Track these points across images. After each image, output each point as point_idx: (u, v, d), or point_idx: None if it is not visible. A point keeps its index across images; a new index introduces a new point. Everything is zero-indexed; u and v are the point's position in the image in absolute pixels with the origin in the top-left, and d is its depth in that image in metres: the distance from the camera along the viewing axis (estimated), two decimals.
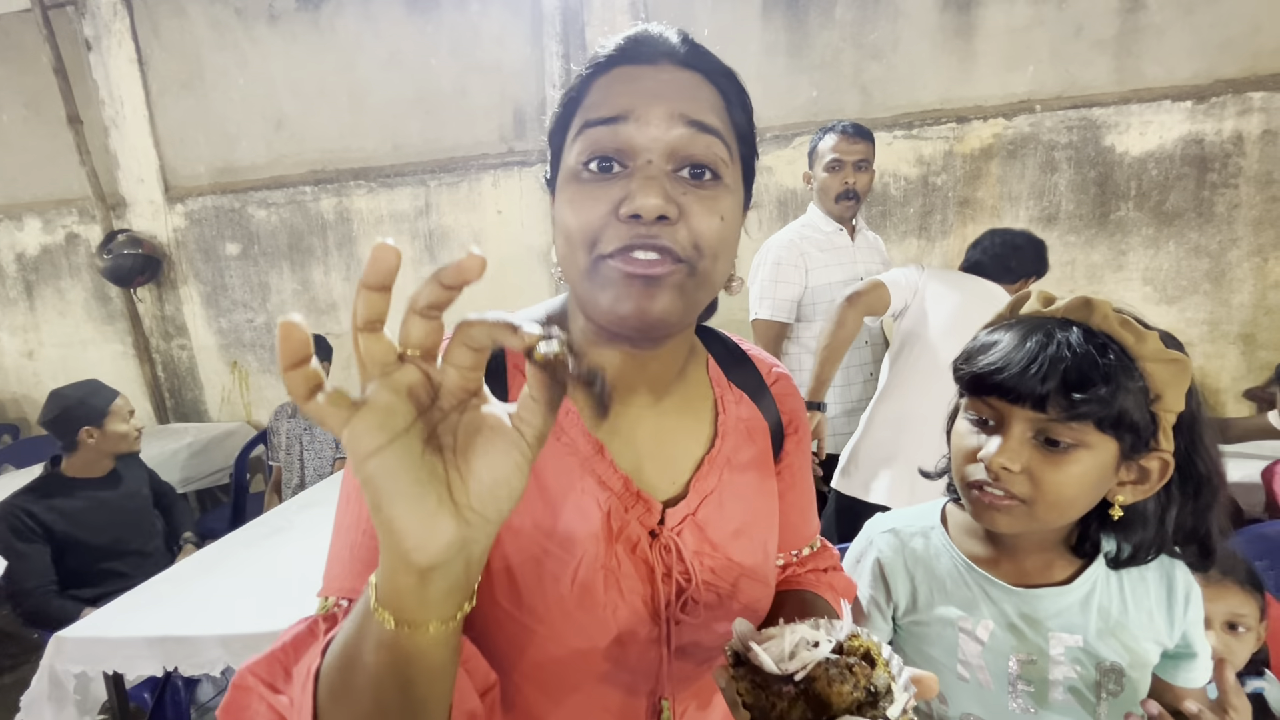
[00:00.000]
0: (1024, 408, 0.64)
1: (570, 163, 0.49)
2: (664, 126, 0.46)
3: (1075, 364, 0.62)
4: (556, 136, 0.52)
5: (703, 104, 0.48)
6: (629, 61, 0.49)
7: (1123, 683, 0.70)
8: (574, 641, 0.51)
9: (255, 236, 3.40)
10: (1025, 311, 0.71)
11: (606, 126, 0.46)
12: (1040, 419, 0.64)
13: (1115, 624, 0.70)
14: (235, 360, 3.57)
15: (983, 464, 0.66)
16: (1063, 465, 0.64)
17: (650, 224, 0.45)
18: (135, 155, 3.38)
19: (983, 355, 0.67)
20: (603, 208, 0.46)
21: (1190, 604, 0.73)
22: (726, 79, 0.51)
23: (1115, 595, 0.72)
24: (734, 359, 0.66)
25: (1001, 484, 0.65)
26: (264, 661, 0.42)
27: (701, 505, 0.56)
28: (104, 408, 1.97)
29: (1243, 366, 2.68)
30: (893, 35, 2.69)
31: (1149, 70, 2.54)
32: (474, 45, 3.01)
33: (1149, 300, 2.70)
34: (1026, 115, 2.65)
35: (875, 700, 0.40)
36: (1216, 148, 2.54)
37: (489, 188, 3.11)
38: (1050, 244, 2.72)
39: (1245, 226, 2.57)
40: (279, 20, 3.15)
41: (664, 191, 0.45)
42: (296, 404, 0.29)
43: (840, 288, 1.84)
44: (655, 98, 0.47)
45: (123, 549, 1.98)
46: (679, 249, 0.46)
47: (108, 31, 3.26)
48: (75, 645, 1.42)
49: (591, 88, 0.50)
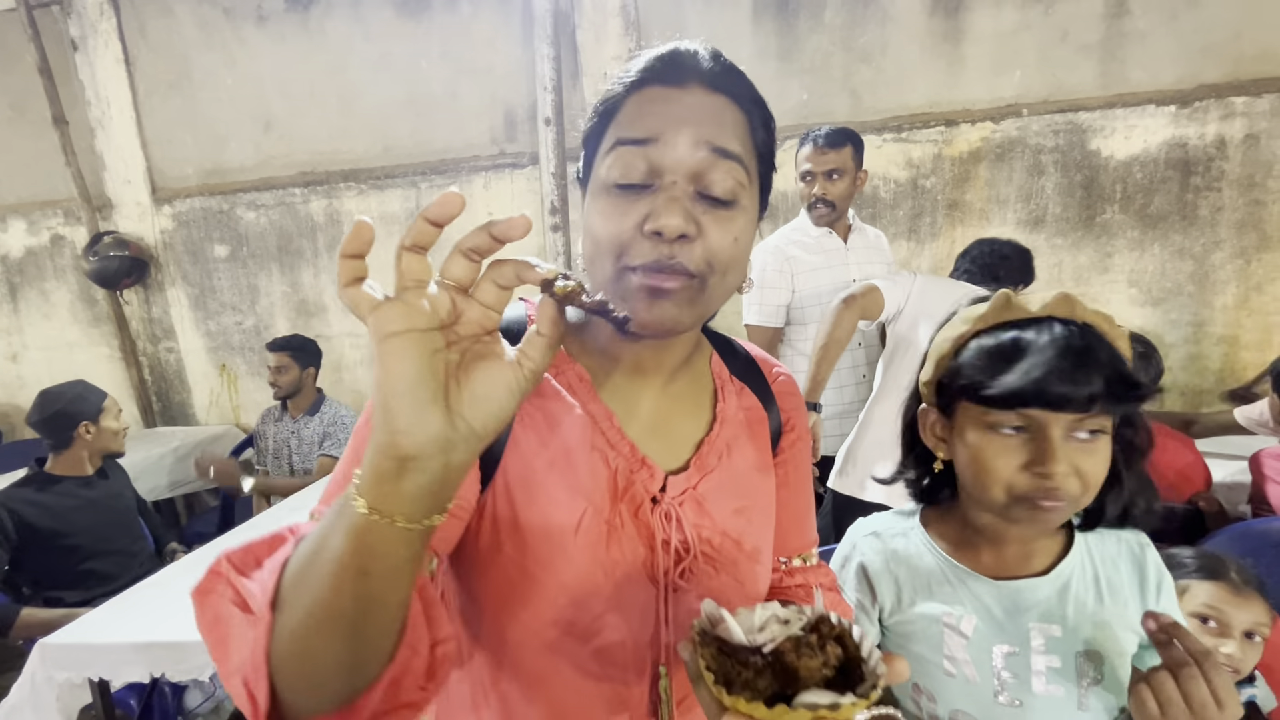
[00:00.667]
0: (1067, 412, 0.65)
1: (602, 174, 0.53)
2: (689, 150, 0.50)
3: (1108, 363, 0.66)
4: (591, 142, 0.56)
5: (726, 129, 0.51)
6: (661, 82, 0.52)
7: (1103, 670, 0.71)
8: (572, 591, 0.54)
9: (244, 238, 3.37)
10: (1010, 315, 0.72)
11: (637, 147, 0.50)
12: (1074, 419, 0.66)
13: (1092, 613, 0.73)
14: (224, 363, 3.54)
15: (1032, 474, 0.67)
16: (1096, 453, 0.67)
17: (671, 241, 0.49)
18: (122, 156, 3.35)
19: (1010, 369, 0.67)
20: (629, 221, 0.50)
21: (1162, 591, 0.75)
22: (752, 101, 0.54)
23: (1091, 585, 0.74)
24: (737, 357, 0.70)
25: (1058, 490, 0.66)
26: (240, 550, 0.43)
27: (702, 481, 0.60)
28: (99, 404, 2.01)
29: (1226, 367, 2.72)
30: (882, 39, 2.71)
31: (1133, 75, 2.58)
32: (465, 47, 3.00)
33: (1135, 302, 2.73)
34: (1014, 119, 2.68)
35: (845, 678, 0.40)
36: (1200, 151, 2.58)
37: (480, 190, 3.11)
38: (1037, 247, 2.76)
39: (1228, 229, 2.61)
40: (268, 21, 3.14)
41: (685, 212, 0.49)
42: (339, 289, 0.35)
43: (831, 291, 1.85)
44: (682, 122, 0.50)
45: (107, 548, 1.97)
46: (693, 265, 0.50)
47: (94, 31, 3.23)
48: (60, 651, 1.40)
49: (626, 103, 0.53)
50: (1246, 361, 2.69)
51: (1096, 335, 0.67)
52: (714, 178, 0.50)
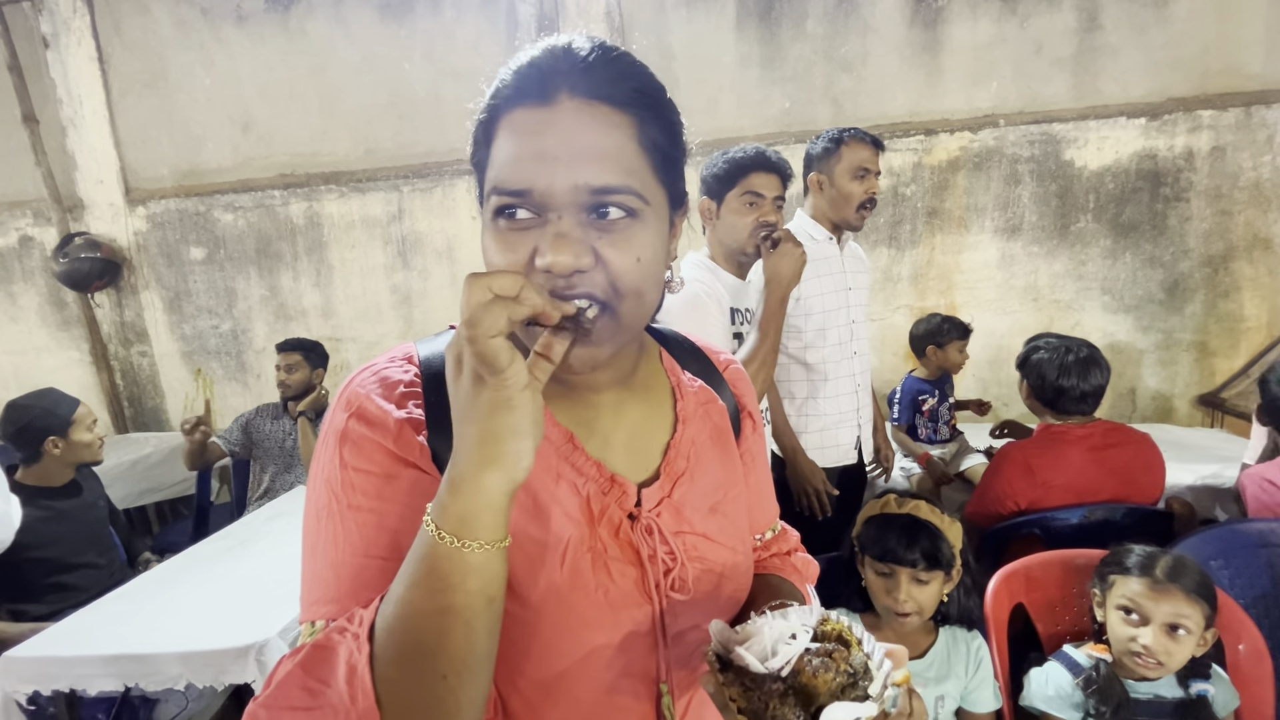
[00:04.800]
0: (906, 566, 1.23)
1: (489, 217, 0.50)
2: (568, 195, 0.46)
3: (930, 542, 1.24)
4: (478, 166, 0.52)
5: (606, 159, 0.47)
6: (527, 100, 0.47)
7: (945, 704, 1.25)
8: (570, 629, 0.52)
9: (221, 241, 3.32)
10: (888, 510, 1.28)
11: (514, 197, 0.47)
12: (912, 571, 1.24)
13: (941, 677, 1.24)
14: (199, 368, 3.47)
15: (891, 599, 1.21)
16: (927, 588, 1.23)
17: (564, 276, 0.46)
18: (94, 156, 3.28)
19: (881, 540, 1.25)
20: (518, 257, 0.47)
21: (980, 667, 1.26)
22: (635, 93, 0.49)
23: (946, 659, 1.26)
24: (685, 351, 0.69)
25: (904, 608, 1.23)
26: (277, 692, 0.43)
27: (675, 487, 0.58)
28: (68, 416, 1.93)
29: (1195, 373, 2.79)
30: (863, 49, 2.75)
31: (1105, 88, 2.65)
32: (448, 50, 2.99)
33: (1107, 309, 2.79)
34: (991, 129, 2.73)
35: (856, 681, 0.41)
36: (1169, 163, 2.65)
37: (463, 194, 3.09)
38: (1014, 254, 2.82)
39: (1196, 239, 2.69)
40: (247, 21, 3.10)
41: (574, 247, 0.45)
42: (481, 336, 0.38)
43: (830, 298, 1.83)
44: (555, 163, 0.45)
45: (76, 561, 1.91)
46: (599, 293, 0.47)
47: (66, 29, 3.16)
48: (25, 665, 1.36)
49: (497, 133, 0.49)
50: (1214, 368, 2.76)
51: (927, 525, 1.21)
52: (602, 206, 0.47)
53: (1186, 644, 1.13)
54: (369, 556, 0.48)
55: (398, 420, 0.50)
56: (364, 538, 0.48)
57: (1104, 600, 1.23)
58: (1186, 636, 1.13)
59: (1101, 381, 1.69)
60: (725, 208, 1.53)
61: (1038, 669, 1.27)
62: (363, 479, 0.49)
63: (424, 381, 0.52)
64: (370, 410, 0.50)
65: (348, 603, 0.47)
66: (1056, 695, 1.21)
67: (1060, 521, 1.64)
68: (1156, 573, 1.16)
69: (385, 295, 3.26)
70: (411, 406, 0.51)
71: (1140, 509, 1.66)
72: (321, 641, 0.44)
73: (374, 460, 0.49)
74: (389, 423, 0.50)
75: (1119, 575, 1.21)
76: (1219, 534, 1.48)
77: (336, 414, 0.51)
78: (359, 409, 0.50)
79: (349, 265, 3.25)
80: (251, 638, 1.35)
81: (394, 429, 0.50)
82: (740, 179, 1.50)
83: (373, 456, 0.49)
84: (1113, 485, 1.66)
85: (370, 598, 0.46)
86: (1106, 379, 1.70)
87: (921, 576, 1.19)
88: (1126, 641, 1.16)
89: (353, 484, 0.49)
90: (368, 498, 0.48)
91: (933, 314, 2.50)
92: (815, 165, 1.84)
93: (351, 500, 0.48)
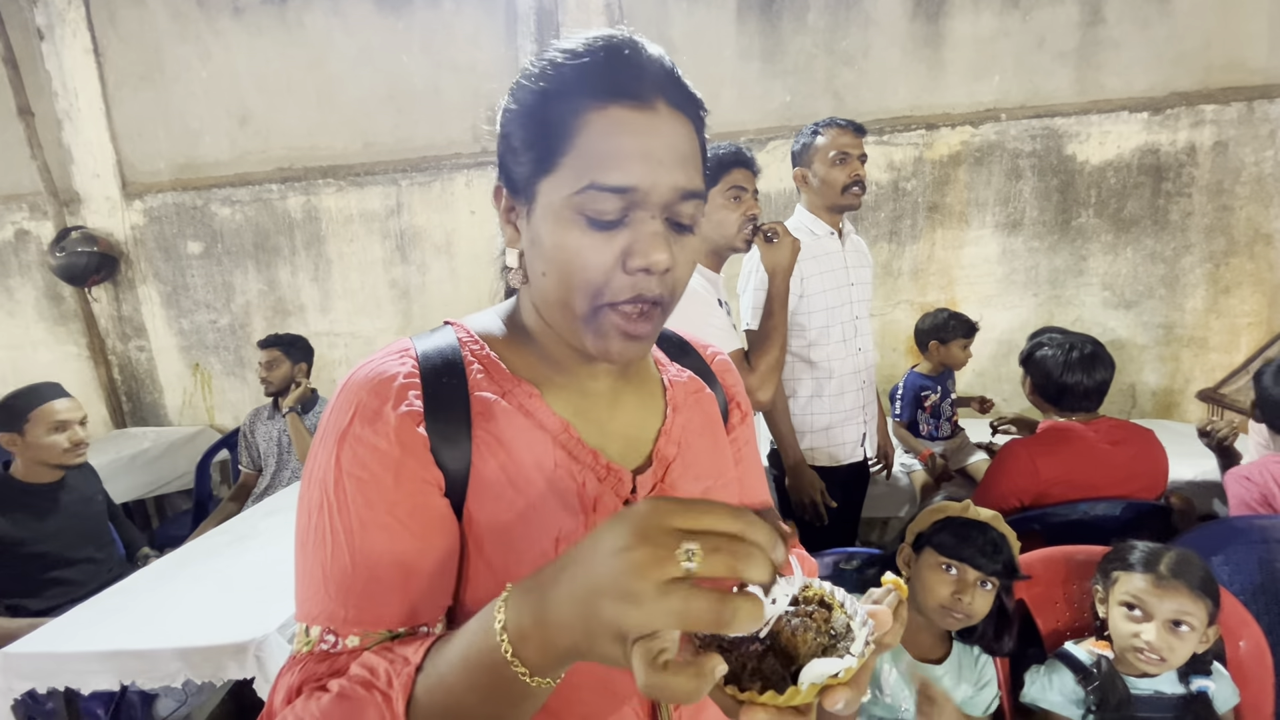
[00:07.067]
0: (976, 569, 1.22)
1: (564, 202, 0.49)
2: (666, 194, 0.49)
3: (1004, 551, 1.24)
4: (537, 145, 0.50)
5: (693, 166, 0.51)
6: (627, 100, 0.48)
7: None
8: None
9: (219, 235, 3.30)
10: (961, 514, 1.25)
11: (617, 195, 0.48)
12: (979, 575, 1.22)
13: (953, 685, 1.24)
14: (197, 362, 3.46)
15: (953, 597, 1.19)
16: (987, 595, 1.22)
17: (656, 275, 0.50)
18: (90, 149, 3.25)
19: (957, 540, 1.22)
20: (607, 259, 0.49)
21: (989, 681, 1.27)
22: (699, 110, 0.53)
23: (958, 670, 1.26)
24: (673, 344, 0.71)
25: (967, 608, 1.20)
26: None
27: (667, 472, 0.60)
28: (25, 413, 1.81)
29: (1195, 369, 2.79)
30: (864, 42, 2.74)
31: (1108, 82, 2.63)
32: (447, 43, 2.97)
33: (1108, 304, 2.79)
34: (993, 123, 2.72)
35: (836, 643, 0.41)
36: (1171, 158, 2.64)
37: (462, 187, 3.08)
38: (1015, 250, 2.81)
39: (1198, 234, 2.68)
40: (244, 13, 3.07)
41: (669, 247, 0.50)
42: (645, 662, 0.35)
43: (834, 294, 1.81)
44: (659, 166, 0.48)
45: (74, 556, 1.90)
46: (666, 293, 0.51)
47: (61, 21, 3.14)
48: (24, 661, 1.36)
49: (589, 124, 0.48)
50: (1215, 363, 2.76)
51: (1005, 539, 1.21)
52: (682, 210, 0.51)
53: (1189, 640, 1.13)
54: (356, 565, 0.49)
55: (399, 416, 0.51)
56: (351, 544, 0.49)
57: (1106, 596, 1.22)
58: (1189, 633, 1.12)
59: (1106, 377, 1.68)
60: (710, 204, 1.54)
61: (1038, 665, 1.27)
62: (354, 484, 0.50)
63: (422, 374, 0.53)
64: (370, 407, 0.51)
65: (337, 611, 0.49)
66: (1057, 692, 1.21)
67: (1060, 517, 1.64)
68: (1160, 569, 1.15)
69: (384, 289, 3.25)
70: (411, 398, 0.52)
71: (1139, 504, 1.66)
72: (347, 692, 0.44)
73: (369, 465, 0.50)
74: (389, 418, 0.51)
75: (1122, 571, 1.20)
76: (1218, 529, 1.48)
77: (336, 412, 0.52)
78: (359, 407, 0.51)
79: (347, 259, 3.24)
80: (250, 633, 1.35)
81: (394, 424, 0.51)
82: (723, 175, 1.54)
83: (368, 461, 0.50)
84: (1117, 482, 1.65)
85: (357, 606, 0.48)
86: (1111, 375, 1.69)
87: (990, 583, 1.20)
88: (1129, 637, 1.16)
89: (345, 488, 0.50)
90: (358, 505, 0.49)
91: (940, 309, 2.48)
92: (798, 160, 1.89)
93: (343, 504, 0.49)
